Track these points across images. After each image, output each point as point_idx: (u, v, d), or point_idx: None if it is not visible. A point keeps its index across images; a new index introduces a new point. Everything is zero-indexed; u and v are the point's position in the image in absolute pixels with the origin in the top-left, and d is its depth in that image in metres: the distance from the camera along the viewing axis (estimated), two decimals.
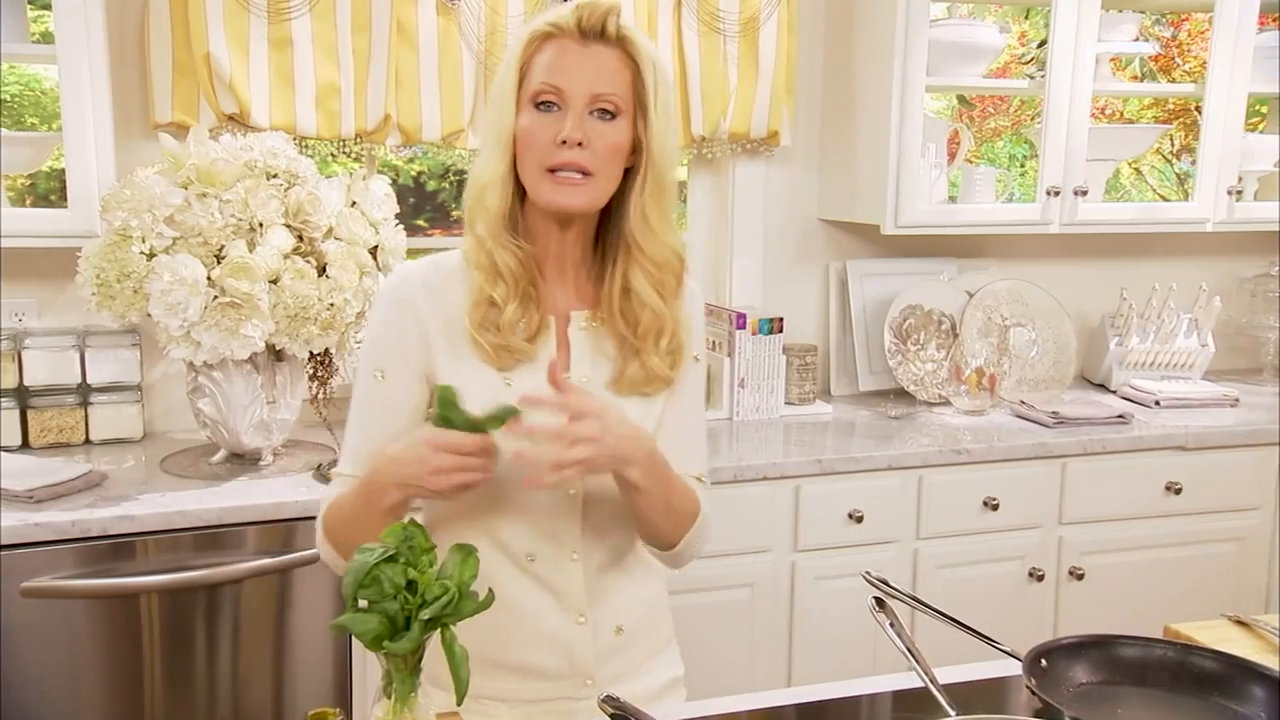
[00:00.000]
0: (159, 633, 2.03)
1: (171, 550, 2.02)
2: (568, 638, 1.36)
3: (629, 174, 1.32)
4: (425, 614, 0.94)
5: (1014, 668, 1.41)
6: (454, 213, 5.39)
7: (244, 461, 2.29)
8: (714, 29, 2.72)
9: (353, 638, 2.13)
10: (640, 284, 1.32)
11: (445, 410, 1.19)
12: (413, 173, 4.79)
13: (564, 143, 1.25)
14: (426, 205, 5.31)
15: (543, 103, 1.27)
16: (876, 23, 2.72)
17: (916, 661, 1.19)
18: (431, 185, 5.23)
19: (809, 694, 1.36)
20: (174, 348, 2.07)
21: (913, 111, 2.68)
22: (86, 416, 2.43)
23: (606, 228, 1.37)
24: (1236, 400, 2.96)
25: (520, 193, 1.32)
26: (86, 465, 2.17)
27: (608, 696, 1.08)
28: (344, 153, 2.55)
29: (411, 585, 0.97)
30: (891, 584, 1.33)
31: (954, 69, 2.81)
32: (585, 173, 1.27)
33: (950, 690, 1.23)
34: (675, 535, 1.37)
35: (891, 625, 1.24)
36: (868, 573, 1.34)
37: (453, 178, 5.32)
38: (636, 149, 1.31)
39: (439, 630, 0.97)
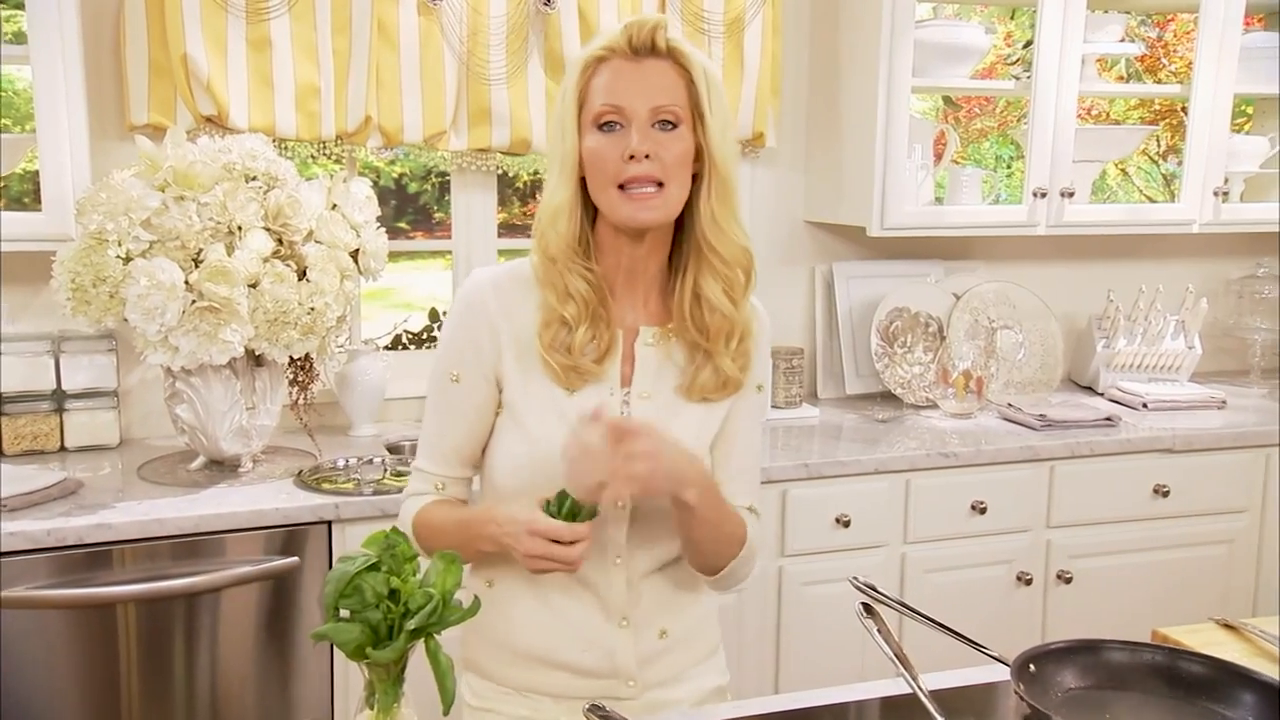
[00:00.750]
0: (136, 643, 2.02)
1: (149, 559, 2.01)
2: (610, 640, 1.41)
3: (694, 180, 1.36)
4: (411, 624, 0.94)
5: (1002, 673, 1.41)
6: (436, 215, 5.39)
7: (223, 468, 2.28)
8: (699, 30, 2.73)
9: (334, 647, 2.13)
10: (710, 288, 1.36)
11: (549, 508, 1.26)
12: (394, 174, 4.78)
13: (632, 157, 1.30)
14: (408, 207, 5.31)
15: (606, 123, 1.32)
16: (862, 24, 2.73)
17: (904, 668, 1.19)
18: (413, 187, 5.22)
19: (796, 701, 1.36)
20: (151, 353, 2.06)
21: (899, 113, 2.69)
22: (61, 423, 2.42)
23: (679, 239, 1.40)
24: (1224, 402, 2.98)
25: (589, 214, 1.38)
26: (62, 473, 2.15)
27: (593, 705, 1.08)
28: (324, 154, 2.54)
29: (394, 594, 0.97)
30: (879, 589, 1.33)
31: (940, 70, 2.82)
32: (658, 184, 1.32)
33: (938, 696, 1.24)
34: (721, 561, 1.41)
35: (879, 631, 1.24)
36: (855, 578, 1.35)
37: (434, 179, 5.32)
38: (699, 155, 1.35)
39: (422, 640, 0.97)
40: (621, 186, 1.31)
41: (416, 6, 2.50)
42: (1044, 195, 2.83)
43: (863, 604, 1.26)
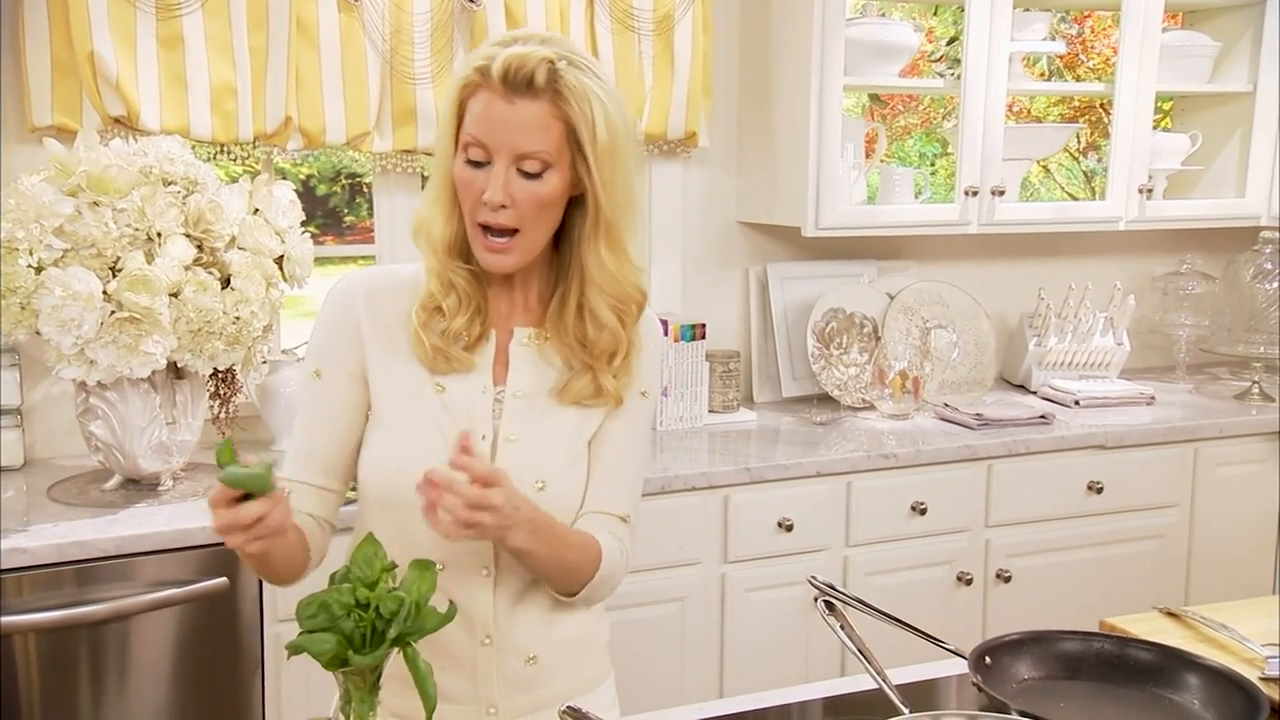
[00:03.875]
0: (58, 671, 2.00)
1: (67, 584, 1.99)
2: (471, 658, 1.38)
3: (579, 205, 1.37)
4: (392, 630, 0.97)
5: (957, 667, 1.50)
6: (347, 218, 5.36)
7: (140, 487, 2.26)
8: (628, 27, 2.79)
9: (264, 669, 2.14)
10: (600, 307, 1.38)
11: (218, 460, 1.16)
12: (301, 176, 4.74)
13: (486, 203, 1.32)
14: (317, 211, 5.27)
15: (471, 159, 1.33)
16: (792, 21, 2.82)
17: (869, 662, 1.26)
18: (322, 189, 5.18)
19: (763, 700, 1.43)
20: (65, 367, 2.04)
21: (831, 112, 2.78)
22: None
23: (560, 249, 1.42)
24: (1152, 398, 3.14)
25: None
26: None
27: (569, 708, 1.12)
28: (226, 155, 2.51)
29: (365, 604, 1.00)
30: (837, 587, 1.40)
31: (870, 68, 2.92)
32: (512, 231, 1.33)
33: (899, 690, 1.31)
34: (572, 587, 1.41)
35: (842, 628, 1.31)
36: (814, 577, 1.41)
37: (344, 181, 5.29)
38: (580, 189, 1.35)
39: (399, 648, 1.01)
40: (480, 224, 1.34)
41: (337, 3, 2.52)
42: (975, 194, 2.95)
43: (825, 602, 1.33)
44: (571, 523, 1.42)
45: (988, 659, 1.40)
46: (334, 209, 5.09)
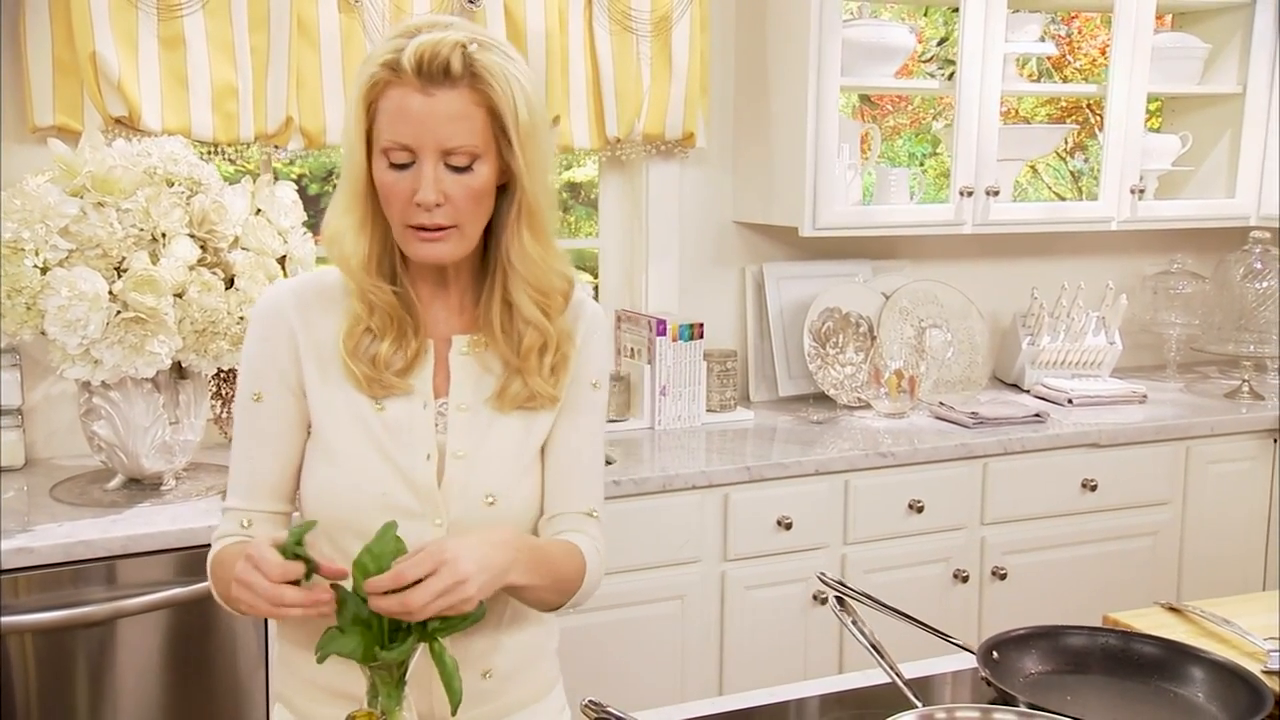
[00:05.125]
0: (68, 669, 2.00)
1: (73, 583, 2.00)
2: (428, 676, 1.27)
3: (502, 194, 1.32)
4: (434, 623, 0.99)
5: (961, 662, 1.53)
6: None
7: (143, 487, 2.27)
8: (626, 28, 2.80)
9: (268, 668, 2.15)
10: (522, 300, 1.34)
11: (293, 537, 1.13)
12: (292, 175, 4.76)
13: (419, 204, 1.25)
14: (309, 210, 5.22)
15: (394, 162, 1.25)
16: (790, 23, 2.84)
17: (882, 657, 1.28)
18: (314, 189, 5.18)
19: (762, 698, 1.45)
20: (69, 367, 2.05)
21: (828, 113, 2.81)
22: None
23: (488, 246, 1.37)
24: (1144, 397, 3.17)
25: (388, 227, 1.31)
26: None
27: (590, 702, 1.14)
28: (218, 153, 2.50)
29: None
30: (847, 584, 1.42)
31: (865, 69, 2.95)
32: (442, 228, 1.27)
33: (908, 685, 1.33)
34: (565, 599, 1.38)
35: (854, 623, 1.33)
36: (823, 574, 1.44)
37: (335, 181, 5.29)
38: (507, 172, 1.30)
39: (426, 643, 1.02)
40: (408, 225, 1.27)
41: (337, 4, 2.53)
42: (970, 194, 2.98)
43: (836, 598, 1.35)
44: (528, 531, 1.39)
45: (995, 653, 1.42)
46: (325, 208, 5.10)
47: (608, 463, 2.55)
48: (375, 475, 1.30)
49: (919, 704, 1.24)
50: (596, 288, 3.13)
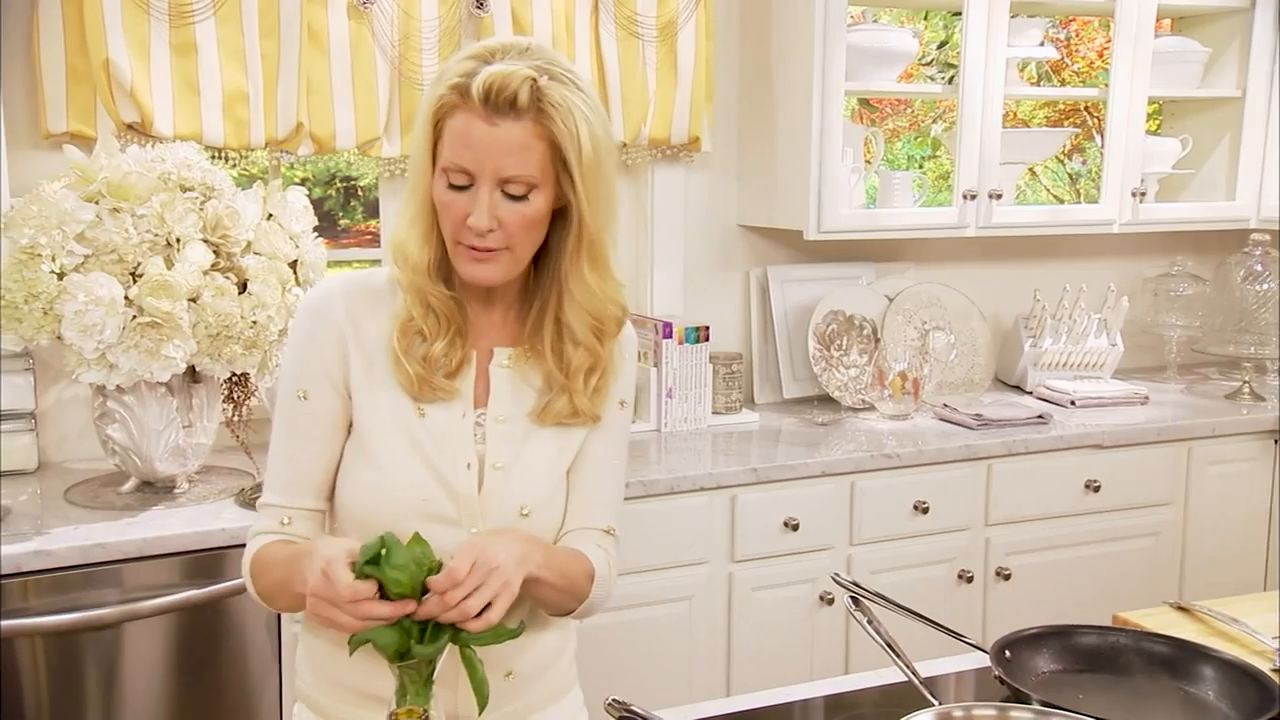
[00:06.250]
0: (83, 671, 2.02)
1: (89, 585, 2.01)
2: (454, 676, 1.32)
3: (560, 219, 1.34)
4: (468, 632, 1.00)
5: (971, 661, 1.54)
6: (341, 221, 5.37)
7: (156, 490, 2.28)
8: (632, 34, 2.82)
9: (281, 670, 2.17)
10: (577, 324, 1.37)
11: (366, 554, 1.14)
12: (296, 179, 4.77)
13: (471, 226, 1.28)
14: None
15: (455, 184, 1.28)
16: (794, 27, 2.86)
17: (898, 656, 1.30)
18: (317, 193, 5.20)
19: (769, 698, 1.47)
20: (85, 371, 2.06)
21: (833, 116, 2.83)
22: None
23: (540, 265, 1.40)
24: (1146, 398, 3.19)
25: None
26: None
27: (614, 700, 1.16)
28: (222, 159, 2.51)
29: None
30: (861, 585, 1.44)
31: (868, 73, 2.97)
32: (492, 250, 1.30)
33: (924, 683, 1.35)
34: (572, 605, 1.40)
35: (869, 623, 1.35)
36: (837, 575, 1.45)
37: (339, 184, 5.30)
38: (564, 202, 1.32)
39: (457, 646, 1.04)
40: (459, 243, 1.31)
41: (346, 10, 2.55)
42: (973, 197, 3.00)
43: (851, 598, 1.37)
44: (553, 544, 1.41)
45: (1008, 652, 1.44)
46: (329, 212, 5.10)
47: None
48: (417, 481, 1.32)
49: (936, 702, 1.26)
50: None
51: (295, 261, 2.28)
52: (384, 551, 1.12)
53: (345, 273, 1.44)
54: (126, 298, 2.02)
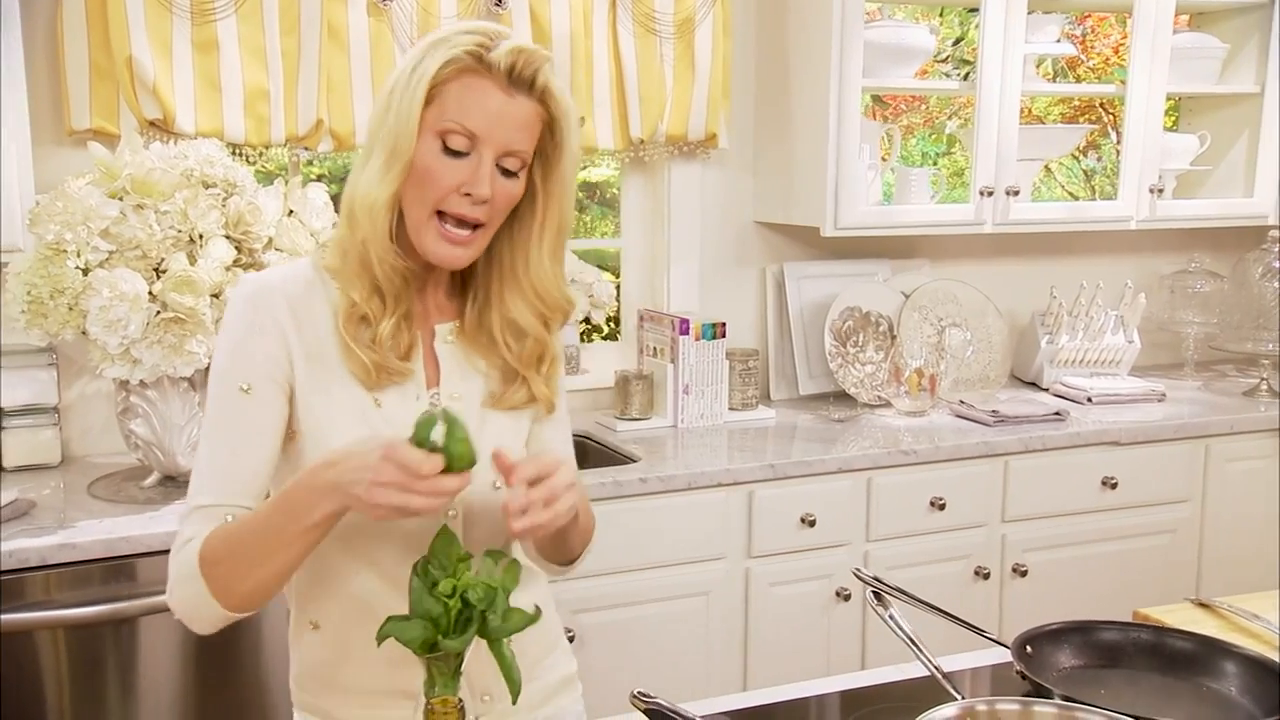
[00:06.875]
0: (112, 662, 2.04)
1: (114, 579, 2.03)
2: (473, 668, 1.30)
3: (516, 212, 1.33)
4: (487, 619, 1.01)
5: (991, 657, 1.55)
6: None
7: (178, 484, 2.29)
8: (650, 30, 2.83)
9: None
10: (524, 315, 1.35)
11: (424, 431, 1.13)
12: (311, 176, 4.80)
13: (468, 195, 1.25)
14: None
15: (450, 146, 1.25)
16: (811, 24, 2.86)
17: (920, 651, 1.31)
18: (334, 189, 5.21)
19: (786, 693, 1.47)
20: (109, 366, 2.08)
21: (850, 113, 2.83)
22: None
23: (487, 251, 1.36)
24: (1163, 395, 3.19)
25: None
26: (14, 492, 2.15)
27: (639, 693, 1.17)
28: (238, 155, 2.51)
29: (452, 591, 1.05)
30: (883, 580, 1.44)
31: (885, 70, 2.96)
32: (478, 225, 1.28)
33: (946, 677, 1.35)
34: (580, 550, 1.42)
35: (891, 617, 1.35)
36: (859, 570, 1.46)
37: None
38: (531, 196, 1.32)
39: (485, 640, 1.05)
40: (440, 213, 1.27)
41: (366, 7, 2.56)
42: (990, 194, 3.00)
43: (873, 593, 1.37)
44: None
45: (1029, 647, 1.44)
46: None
47: (632, 460, 2.58)
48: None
49: (959, 696, 1.26)
50: (618, 287, 3.15)
51: None
52: (444, 425, 1.12)
53: (275, 268, 1.42)
54: (150, 293, 2.04)
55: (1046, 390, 3.29)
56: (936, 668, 1.31)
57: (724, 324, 2.89)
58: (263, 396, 1.28)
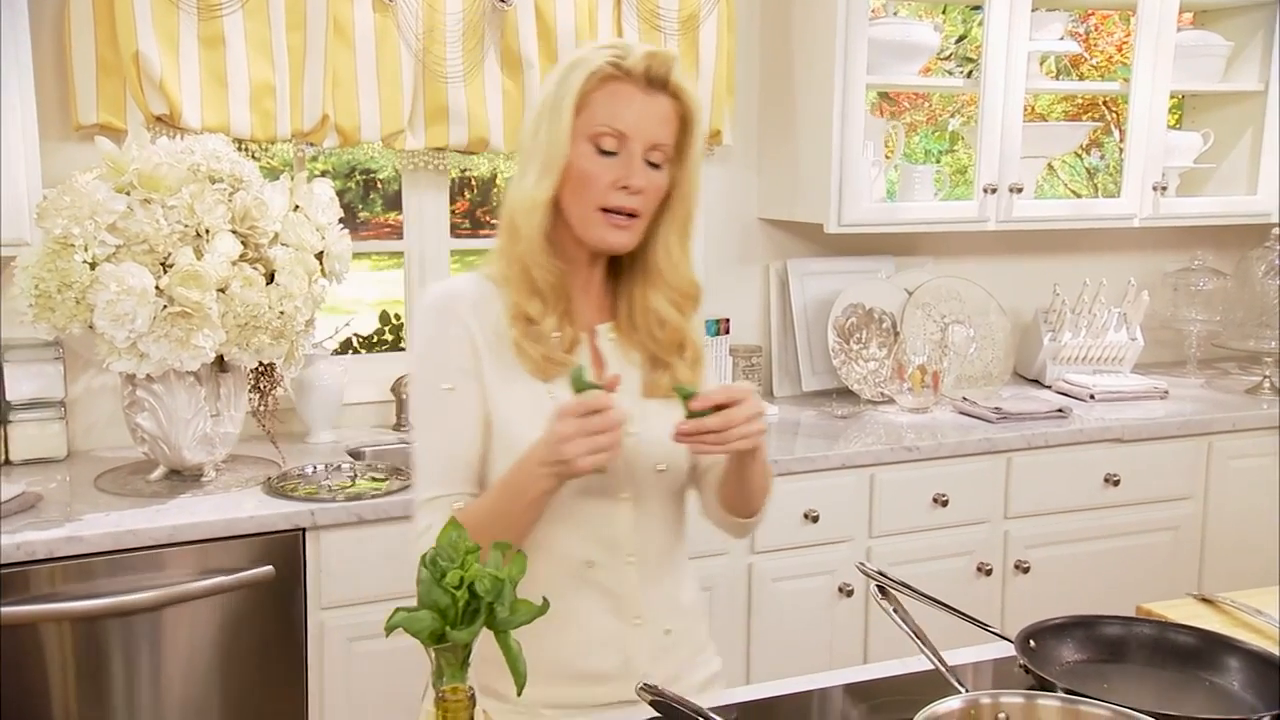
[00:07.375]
0: (115, 656, 2.05)
1: (120, 571, 2.04)
2: (624, 640, 1.47)
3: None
4: (494, 610, 1.02)
5: (994, 651, 1.55)
6: (360, 213, 5.41)
7: (184, 478, 2.30)
8: (654, 27, 2.83)
9: (308, 657, 2.19)
10: (662, 305, 1.47)
11: (578, 383, 1.30)
12: (316, 171, 4.80)
13: (625, 188, 1.39)
14: None
15: (604, 147, 1.39)
16: (816, 21, 2.86)
17: (924, 644, 1.31)
18: (337, 185, 5.21)
19: (789, 687, 1.49)
20: (116, 360, 2.08)
21: (854, 110, 2.83)
22: (5, 435, 2.42)
23: (628, 254, 1.49)
24: (1166, 392, 3.19)
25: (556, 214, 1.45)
26: (20, 485, 2.16)
27: (646, 685, 1.17)
28: (243, 150, 2.52)
29: (460, 583, 1.05)
30: (886, 574, 1.45)
31: (889, 67, 2.96)
32: (635, 214, 1.41)
33: (950, 671, 1.36)
34: (763, 498, 1.52)
35: (895, 611, 1.35)
36: (862, 564, 1.46)
37: (358, 177, 5.34)
38: (669, 190, 1.45)
39: (493, 631, 1.05)
40: (603, 209, 1.40)
41: (372, 4, 2.56)
42: (994, 191, 3.00)
43: (878, 587, 1.38)
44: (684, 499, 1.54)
45: (1032, 642, 1.45)
46: (349, 204, 5.14)
47: None
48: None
49: (963, 689, 1.27)
50: None
51: (321, 253, 2.29)
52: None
53: (455, 278, 1.55)
54: (157, 287, 2.04)
55: (1049, 387, 3.29)
56: (941, 661, 1.31)
57: (728, 320, 2.89)
58: (464, 392, 1.42)
